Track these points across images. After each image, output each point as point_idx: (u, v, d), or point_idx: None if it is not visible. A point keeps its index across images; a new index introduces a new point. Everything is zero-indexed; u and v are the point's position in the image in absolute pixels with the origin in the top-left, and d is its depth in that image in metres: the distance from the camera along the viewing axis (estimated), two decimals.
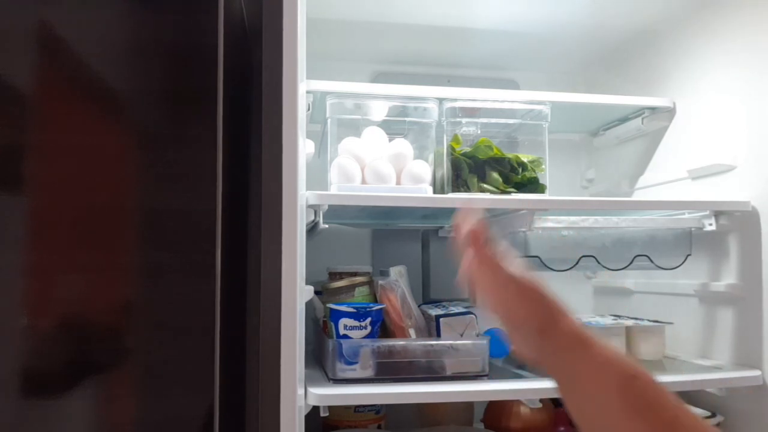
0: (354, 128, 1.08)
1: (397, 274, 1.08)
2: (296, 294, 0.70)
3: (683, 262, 1.09)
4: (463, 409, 1.28)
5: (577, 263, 1.05)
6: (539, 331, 0.58)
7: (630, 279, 1.36)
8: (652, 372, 0.51)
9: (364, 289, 1.08)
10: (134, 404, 0.58)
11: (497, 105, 1.12)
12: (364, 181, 1.04)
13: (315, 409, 0.88)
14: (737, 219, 1.05)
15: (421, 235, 1.43)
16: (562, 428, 1.22)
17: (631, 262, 1.07)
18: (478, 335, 1.01)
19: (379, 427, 1.24)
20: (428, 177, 1.05)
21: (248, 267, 0.76)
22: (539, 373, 1.04)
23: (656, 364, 1.13)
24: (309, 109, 1.10)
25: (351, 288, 1.07)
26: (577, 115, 1.34)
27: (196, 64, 0.59)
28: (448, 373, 0.96)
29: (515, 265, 0.61)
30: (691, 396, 1.09)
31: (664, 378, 0.98)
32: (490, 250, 0.63)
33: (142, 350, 0.58)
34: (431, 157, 1.08)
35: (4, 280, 0.55)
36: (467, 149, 1.08)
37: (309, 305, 1.08)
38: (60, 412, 0.56)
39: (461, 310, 1.03)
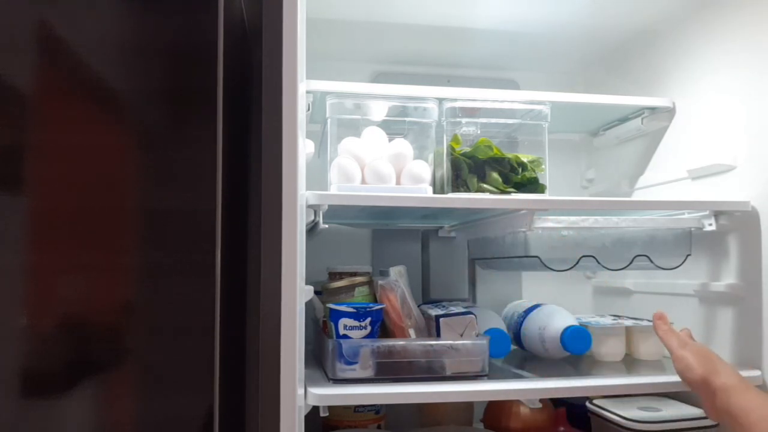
0: (354, 128, 1.08)
1: (397, 274, 1.08)
2: (296, 294, 0.70)
3: (683, 262, 1.09)
4: (463, 409, 1.28)
5: (577, 263, 1.05)
6: (701, 379, 0.84)
7: (630, 279, 1.36)
8: (651, 372, 0.53)
9: (364, 289, 1.08)
10: (134, 404, 0.58)
11: (497, 105, 1.12)
12: (364, 181, 1.04)
13: (315, 409, 0.88)
14: (737, 219, 1.05)
15: (421, 235, 1.43)
16: (561, 428, 1.22)
17: (630, 262, 1.07)
18: (477, 335, 1.01)
19: (379, 427, 1.24)
20: (428, 177, 1.05)
21: (248, 267, 0.76)
22: (538, 373, 1.05)
23: (656, 364, 1.13)
24: (309, 109, 1.10)
25: (351, 288, 1.07)
26: (577, 115, 1.34)
27: (196, 64, 0.59)
28: (448, 373, 0.96)
29: (686, 338, 0.94)
30: (691, 396, 1.09)
31: (663, 378, 0.98)
32: (669, 327, 0.96)
33: (142, 350, 0.58)
34: (431, 157, 1.08)
35: (4, 280, 0.55)
36: (467, 149, 1.08)
37: (309, 305, 1.08)
38: (60, 412, 0.56)
39: (461, 310, 1.03)
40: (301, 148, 0.79)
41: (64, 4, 0.57)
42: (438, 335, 1.00)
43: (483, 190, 1.06)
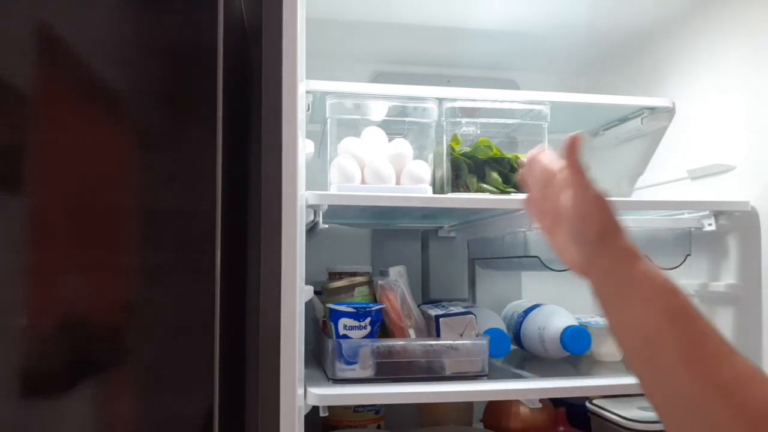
0: (354, 128, 1.08)
1: (397, 274, 1.08)
2: (296, 294, 0.70)
3: (683, 262, 1.09)
4: (463, 409, 1.28)
5: None
6: (600, 234, 0.64)
7: None
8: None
9: (364, 289, 1.08)
10: (134, 404, 0.58)
11: (497, 105, 1.12)
12: (363, 181, 1.04)
13: (315, 409, 0.88)
14: (737, 219, 1.05)
15: (420, 235, 1.43)
16: (561, 428, 1.22)
17: None
18: (477, 335, 1.01)
19: (378, 427, 1.24)
20: (428, 177, 1.05)
21: (248, 267, 0.76)
22: (537, 373, 1.05)
23: None
24: (309, 109, 1.10)
25: (351, 288, 1.07)
26: (576, 115, 1.34)
27: (196, 64, 0.59)
28: (448, 373, 0.96)
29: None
30: None
31: None
32: (581, 161, 0.70)
33: (142, 350, 0.58)
34: (431, 157, 1.08)
35: (4, 280, 0.55)
36: (467, 149, 1.08)
37: (309, 305, 1.08)
38: (60, 412, 0.56)
39: (461, 310, 1.03)
40: (301, 148, 0.79)
41: (64, 4, 0.57)
42: (438, 335, 1.00)
43: (483, 190, 1.06)
